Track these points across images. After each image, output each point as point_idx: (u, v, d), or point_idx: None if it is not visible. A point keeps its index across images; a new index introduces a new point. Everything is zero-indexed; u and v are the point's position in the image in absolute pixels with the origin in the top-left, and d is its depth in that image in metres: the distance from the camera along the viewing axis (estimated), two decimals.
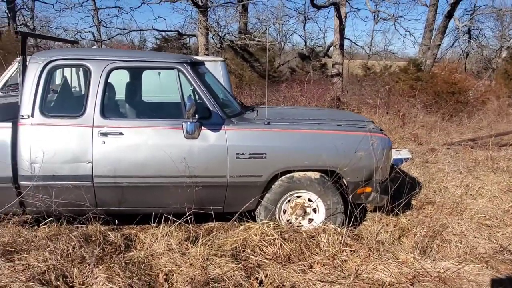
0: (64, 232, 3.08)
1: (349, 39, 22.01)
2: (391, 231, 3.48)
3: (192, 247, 3.06)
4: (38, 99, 3.06)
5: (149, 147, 3.10)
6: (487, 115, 10.53)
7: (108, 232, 3.22)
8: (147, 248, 3.09)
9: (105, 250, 3.01)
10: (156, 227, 3.54)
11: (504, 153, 6.81)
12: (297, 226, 3.41)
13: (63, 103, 3.38)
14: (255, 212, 3.45)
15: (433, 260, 2.95)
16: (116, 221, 3.44)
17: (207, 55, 13.79)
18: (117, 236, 3.20)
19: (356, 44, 23.27)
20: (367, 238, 3.31)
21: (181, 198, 3.20)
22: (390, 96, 11.63)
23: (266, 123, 3.28)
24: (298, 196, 3.41)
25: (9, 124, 3.03)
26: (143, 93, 4.26)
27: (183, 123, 3.10)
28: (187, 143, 3.12)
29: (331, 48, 17.79)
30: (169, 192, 3.18)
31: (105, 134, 3.08)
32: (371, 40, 24.27)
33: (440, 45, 15.29)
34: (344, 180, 3.37)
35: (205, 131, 3.16)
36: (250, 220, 3.53)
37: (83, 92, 3.44)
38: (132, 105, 3.70)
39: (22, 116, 3.04)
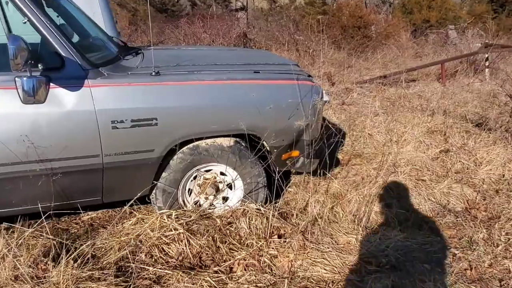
0: None
1: None
2: (322, 201, 2.86)
3: (54, 266, 2.06)
4: None
5: None
6: (391, 49, 10.56)
7: None
8: None
9: None
10: (7, 231, 2.45)
11: (415, 90, 6.73)
12: (209, 208, 2.60)
13: None
14: (150, 197, 2.52)
15: (379, 239, 2.40)
16: None
17: None
18: None
19: None
20: (297, 215, 2.64)
21: (32, 193, 2.12)
22: (298, 32, 10.99)
23: (154, 73, 2.25)
24: (207, 170, 2.55)
25: None
26: None
27: (17, 79, 1.92)
28: (28, 111, 1.98)
29: None
30: (7, 188, 2.06)
31: None
32: None
33: None
34: (265, 144, 2.57)
35: (56, 90, 2.02)
36: (145, 205, 2.62)
37: None
38: None
39: None
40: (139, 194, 2.35)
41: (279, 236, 2.38)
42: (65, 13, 2.49)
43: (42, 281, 1.95)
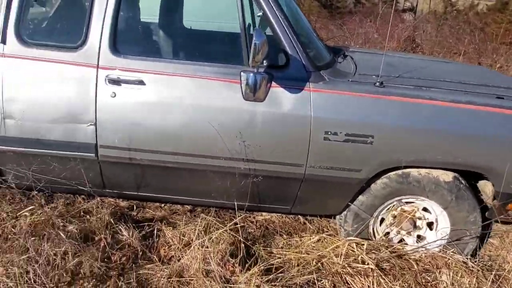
0: (55, 224, 2.07)
1: None
2: None
3: (241, 270, 1.98)
4: (13, 14, 1.88)
5: (184, 109, 1.91)
6: None
7: (120, 227, 2.19)
8: (174, 263, 2.04)
9: (112, 259, 2.00)
10: (191, 213, 2.53)
11: None
12: (398, 243, 2.24)
13: (56, 23, 2.18)
14: (337, 217, 2.28)
15: None
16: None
17: None
18: (132, 233, 2.16)
19: None
20: None
21: (230, 189, 2.07)
22: (479, 41, 9.53)
23: (377, 83, 1.96)
24: (408, 202, 2.18)
25: None
26: (185, 15, 2.91)
27: (242, 74, 1.85)
28: (247, 108, 1.90)
29: None
30: (212, 180, 2.04)
31: (116, 82, 1.91)
32: None
33: None
34: (488, 186, 2.08)
35: (276, 90, 1.90)
36: (319, 218, 2.40)
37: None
38: (165, 35, 2.45)
39: None
40: (327, 209, 2.13)
41: None
42: (287, 7, 2.35)
43: (231, 285, 1.88)
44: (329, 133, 1.89)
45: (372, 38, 7.44)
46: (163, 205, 2.66)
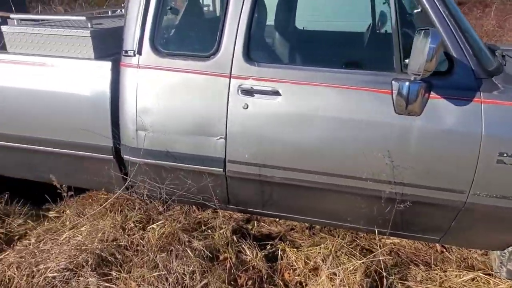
0: (181, 239, 2.00)
1: None
2: None
3: None
4: (148, 24, 1.83)
5: (324, 122, 1.69)
6: None
7: (243, 245, 2.06)
8: None
9: (238, 282, 1.87)
10: (309, 230, 2.33)
11: None
12: None
13: (188, 31, 2.10)
14: (497, 253, 1.89)
15: None
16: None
17: None
18: (256, 254, 2.01)
19: None
20: None
21: (369, 214, 1.81)
22: None
23: None
24: None
25: (108, 65, 1.90)
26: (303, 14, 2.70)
27: (394, 83, 1.58)
28: (398, 123, 1.61)
29: None
30: (351, 202, 1.80)
31: (249, 92, 1.75)
32: None
33: None
34: None
35: (436, 101, 1.58)
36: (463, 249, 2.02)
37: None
38: (300, 39, 2.25)
39: (126, 52, 1.87)
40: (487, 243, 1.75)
41: None
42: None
43: None
44: (505, 155, 1.52)
45: (487, 30, 6.52)
46: (278, 219, 2.50)
